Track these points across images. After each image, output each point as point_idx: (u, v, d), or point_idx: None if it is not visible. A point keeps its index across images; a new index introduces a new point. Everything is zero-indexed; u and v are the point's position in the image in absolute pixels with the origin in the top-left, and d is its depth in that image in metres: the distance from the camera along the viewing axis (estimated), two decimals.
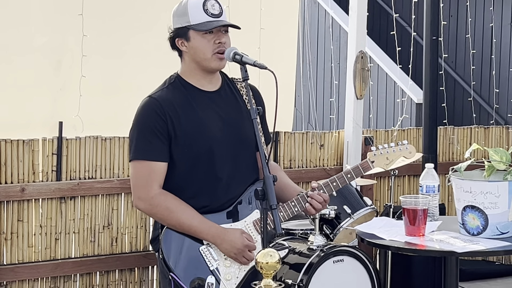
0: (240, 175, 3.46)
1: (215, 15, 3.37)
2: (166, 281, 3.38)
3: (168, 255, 3.35)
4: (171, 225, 3.37)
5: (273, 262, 2.48)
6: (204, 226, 3.36)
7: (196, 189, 3.40)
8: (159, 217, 3.38)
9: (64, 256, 4.79)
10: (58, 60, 4.95)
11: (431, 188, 3.85)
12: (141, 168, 3.36)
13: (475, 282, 6.18)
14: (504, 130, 6.58)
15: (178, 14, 3.41)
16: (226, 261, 3.39)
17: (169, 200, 3.35)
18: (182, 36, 3.40)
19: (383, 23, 9.77)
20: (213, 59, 3.39)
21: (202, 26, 3.35)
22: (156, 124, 3.34)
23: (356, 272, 4.47)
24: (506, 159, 3.62)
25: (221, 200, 3.43)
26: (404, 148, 3.61)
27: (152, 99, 3.40)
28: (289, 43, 5.86)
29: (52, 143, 4.73)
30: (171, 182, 3.39)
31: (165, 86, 3.45)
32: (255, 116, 3.14)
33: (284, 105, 5.52)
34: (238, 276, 3.40)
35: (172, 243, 3.37)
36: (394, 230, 3.74)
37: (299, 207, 3.47)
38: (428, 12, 5.67)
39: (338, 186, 3.56)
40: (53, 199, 4.73)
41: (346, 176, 3.57)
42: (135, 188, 3.40)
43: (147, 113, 3.37)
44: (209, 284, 3.35)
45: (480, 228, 3.60)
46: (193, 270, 3.36)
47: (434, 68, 5.71)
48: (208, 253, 3.38)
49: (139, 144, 3.37)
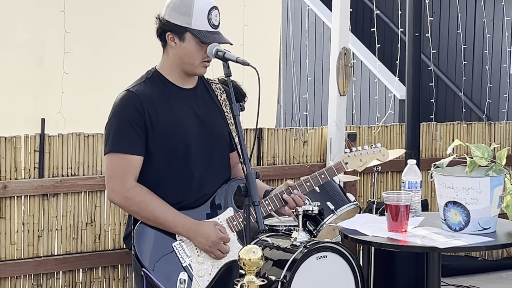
0: (213, 173, 3.46)
1: (215, 26, 3.38)
2: (138, 277, 3.38)
3: (141, 251, 3.34)
4: (145, 218, 3.36)
5: (256, 259, 2.48)
6: (178, 220, 3.36)
7: (170, 185, 3.40)
8: (134, 210, 3.37)
9: (47, 254, 4.78)
10: (40, 56, 4.93)
11: (413, 184, 3.86)
12: (117, 161, 3.35)
13: (457, 277, 6.21)
14: (487, 126, 6.61)
15: (179, 10, 3.36)
16: (199, 257, 3.39)
17: (144, 194, 3.35)
18: (177, 33, 3.38)
19: (366, 19, 9.78)
20: (200, 66, 3.41)
21: (203, 36, 3.34)
22: (134, 118, 3.33)
23: (339, 268, 4.48)
24: (488, 155, 3.63)
25: (194, 196, 3.43)
26: (378, 151, 3.66)
27: (130, 93, 3.39)
28: (272, 39, 5.86)
29: (34, 140, 4.72)
30: (146, 176, 3.38)
31: (142, 81, 3.44)
32: (238, 113, 3.14)
33: (267, 102, 5.52)
34: (211, 273, 3.40)
35: (145, 239, 3.37)
36: (376, 226, 3.76)
37: (273, 206, 3.47)
38: (411, 8, 5.69)
39: (312, 186, 3.57)
40: (36, 196, 4.72)
41: (320, 176, 3.59)
42: (110, 181, 3.38)
43: (125, 107, 3.36)
44: (182, 280, 3.34)
45: (462, 224, 3.61)
46: (166, 266, 3.35)
47: (417, 64, 5.73)
48: (181, 249, 3.38)
49: (116, 137, 3.36)
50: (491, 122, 6.70)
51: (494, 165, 3.62)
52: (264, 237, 4.62)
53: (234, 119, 3.15)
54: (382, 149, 3.68)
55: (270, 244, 4.53)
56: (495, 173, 3.61)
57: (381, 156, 3.68)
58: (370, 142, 5.98)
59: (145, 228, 3.38)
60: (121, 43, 5.10)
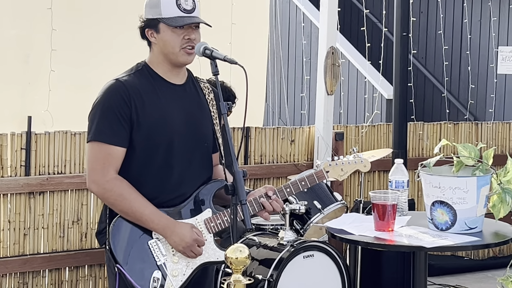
0: (194, 171, 3.44)
1: (188, 10, 3.36)
2: (112, 274, 3.36)
3: (116, 247, 3.33)
4: (122, 212, 3.34)
5: (242, 258, 2.48)
6: (155, 216, 3.34)
7: (149, 179, 3.37)
8: (111, 202, 3.35)
9: (33, 252, 4.76)
10: (27, 54, 4.92)
11: (400, 183, 3.87)
12: (99, 150, 3.33)
13: (443, 277, 6.22)
14: (473, 126, 6.63)
15: (150, 5, 3.40)
16: (174, 257, 3.38)
17: (123, 187, 3.33)
18: (152, 27, 3.39)
19: (354, 19, 9.79)
20: (181, 53, 3.38)
21: (173, 21, 3.34)
22: (120, 108, 3.31)
23: (326, 267, 4.49)
24: (474, 154, 3.64)
25: (171, 194, 3.41)
26: (360, 161, 3.68)
27: (119, 82, 3.37)
28: (260, 38, 5.87)
29: (21, 137, 4.70)
30: (126, 169, 3.36)
31: (132, 72, 3.43)
32: (225, 111, 3.13)
33: (255, 101, 5.53)
34: (185, 273, 3.38)
35: (121, 235, 3.35)
36: (363, 225, 3.76)
37: (251, 209, 3.47)
38: (399, 8, 5.70)
39: (291, 192, 3.57)
40: (22, 194, 4.70)
41: (300, 183, 3.59)
42: (91, 171, 3.36)
43: (112, 96, 3.34)
44: (155, 278, 3.33)
45: (448, 223, 3.62)
46: (140, 263, 3.33)
47: (404, 64, 5.74)
48: (156, 247, 3.37)
49: (100, 125, 3.33)
50: (478, 122, 6.72)
51: (481, 165, 3.63)
52: (251, 236, 4.62)
53: (221, 118, 3.14)
54: (364, 160, 3.70)
55: (257, 243, 4.53)
56: (482, 172, 3.62)
57: (362, 166, 3.70)
58: (357, 141, 5.99)
59: (121, 224, 3.36)
60: (109, 41, 5.10)
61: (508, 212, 3.54)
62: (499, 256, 6.66)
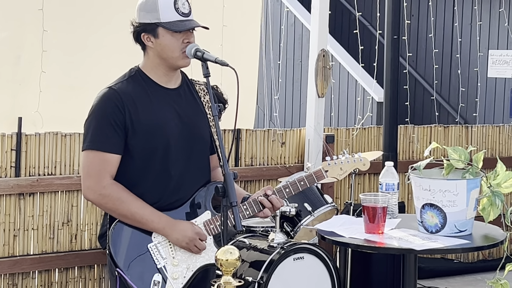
0: (192, 175, 3.45)
1: (185, 14, 3.37)
2: (113, 278, 3.36)
3: (116, 251, 3.33)
4: (122, 215, 3.35)
5: (233, 259, 2.48)
6: (155, 216, 3.35)
7: (147, 185, 3.38)
8: (110, 207, 3.35)
9: (23, 253, 4.75)
10: (18, 55, 4.90)
11: (390, 186, 3.88)
12: (94, 158, 3.34)
13: (433, 279, 6.24)
14: (464, 129, 6.65)
15: (146, 9, 3.38)
16: (174, 260, 3.38)
17: (120, 191, 3.34)
18: (150, 32, 3.38)
19: (345, 21, 9.81)
20: (181, 57, 3.38)
21: (173, 26, 3.34)
22: (114, 116, 3.32)
23: (316, 269, 4.49)
24: (464, 157, 3.65)
25: (171, 198, 3.41)
26: (359, 160, 3.68)
27: (112, 90, 3.37)
28: (252, 40, 5.87)
29: (11, 138, 4.69)
30: (123, 175, 3.37)
31: (125, 79, 3.43)
32: (216, 113, 3.13)
33: (246, 103, 5.53)
34: (185, 275, 3.39)
35: (121, 239, 3.35)
36: (353, 227, 3.76)
37: (251, 210, 3.47)
38: (390, 11, 5.71)
39: (291, 192, 3.57)
40: (12, 195, 4.69)
41: (299, 183, 3.58)
42: (86, 178, 3.37)
43: (106, 104, 3.35)
44: (156, 282, 3.34)
45: (438, 226, 3.63)
46: (140, 267, 3.34)
47: (395, 67, 5.75)
48: (156, 250, 3.37)
49: (94, 134, 3.34)
50: (468, 125, 6.75)
51: (471, 167, 3.64)
52: (241, 238, 4.62)
53: (208, 124, 3.15)
54: (363, 159, 3.70)
55: (247, 245, 4.53)
56: (472, 175, 3.63)
57: (361, 165, 3.70)
58: (348, 144, 6.00)
59: (121, 228, 3.37)
60: (100, 42, 5.09)
61: (497, 215, 3.55)
62: (488, 259, 6.68)
